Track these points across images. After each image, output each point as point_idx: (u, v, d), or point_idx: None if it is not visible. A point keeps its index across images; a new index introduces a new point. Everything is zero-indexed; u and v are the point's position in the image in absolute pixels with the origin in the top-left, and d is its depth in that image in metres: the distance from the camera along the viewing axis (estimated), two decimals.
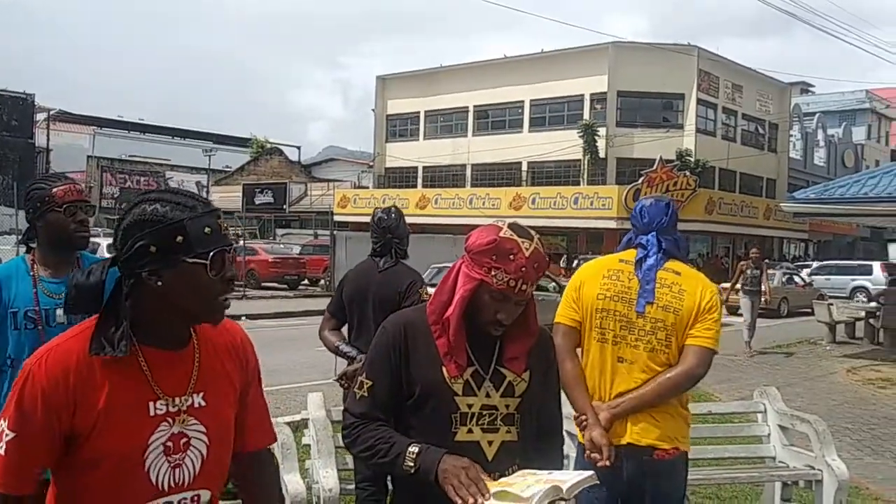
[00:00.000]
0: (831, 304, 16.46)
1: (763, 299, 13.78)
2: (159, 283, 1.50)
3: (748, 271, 13.65)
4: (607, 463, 2.65)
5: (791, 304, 21.93)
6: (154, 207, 1.51)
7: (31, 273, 2.70)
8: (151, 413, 1.51)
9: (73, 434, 1.47)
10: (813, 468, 4.79)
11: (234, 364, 1.69)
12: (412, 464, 1.89)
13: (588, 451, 2.72)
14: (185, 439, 1.55)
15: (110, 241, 3.06)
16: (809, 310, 18.11)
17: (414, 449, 1.91)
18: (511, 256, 1.90)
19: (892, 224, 17.65)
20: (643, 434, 2.79)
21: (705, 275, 3.06)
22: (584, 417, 2.78)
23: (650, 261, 2.91)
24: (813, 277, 26.25)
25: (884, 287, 25.85)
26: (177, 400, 1.55)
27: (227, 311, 1.65)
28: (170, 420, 1.53)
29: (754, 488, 5.52)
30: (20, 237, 2.86)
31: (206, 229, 1.51)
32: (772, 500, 5.24)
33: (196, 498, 1.58)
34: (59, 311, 2.66)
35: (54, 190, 2.71)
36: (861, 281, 27.46)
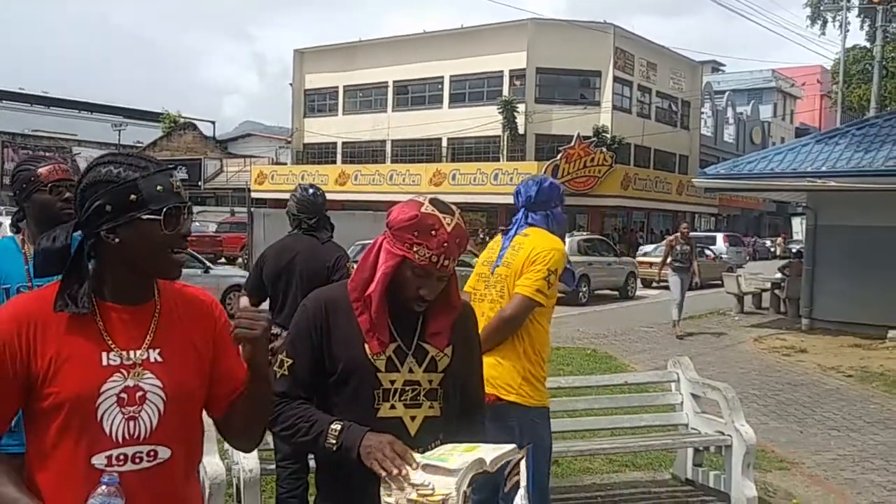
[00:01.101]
0: (739, 276, 17.11)
1: (694, 281, 13.13)
2: (117, 241, 1.59)
3: (677, 247, 13.04)
4: None
5: (702, 277, 22.64)
6: (108, 169, 1.60)
7: (23, 251, 2.77)
8: (104, 363, 1.58)
9: (30, 381, 1.55)
10: (723, 434, 4.99)
11: (200, 330, 1.73)
12: (334, 441, 1.88)
13: None
14: (140, 392, 1.60)
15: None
16: (719, 282, 18.79)
17: (336, 426, 1.89)
18: (433, 232, 1.89)
19: (796, 199, 18.39)
20: None
21: (622, 249, 3.23)
22: None
23: (512, 231, 3.33)
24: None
25: (726, 256, 27.52)
26: (131, 353, 1.61)
27: None
28: (123, 372, 1.59)
29: (668, 454, 5.72)
30: (11, 218, 2.97)
31: (159, 187, 1.60)
32: (684, 465, 5.45)
33: (153, 453, 1.61)
34: None
35: (39, 170, 2.77)
36: (707, 251, 28.54)
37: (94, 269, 1.62)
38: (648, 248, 25.14)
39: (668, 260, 13.22)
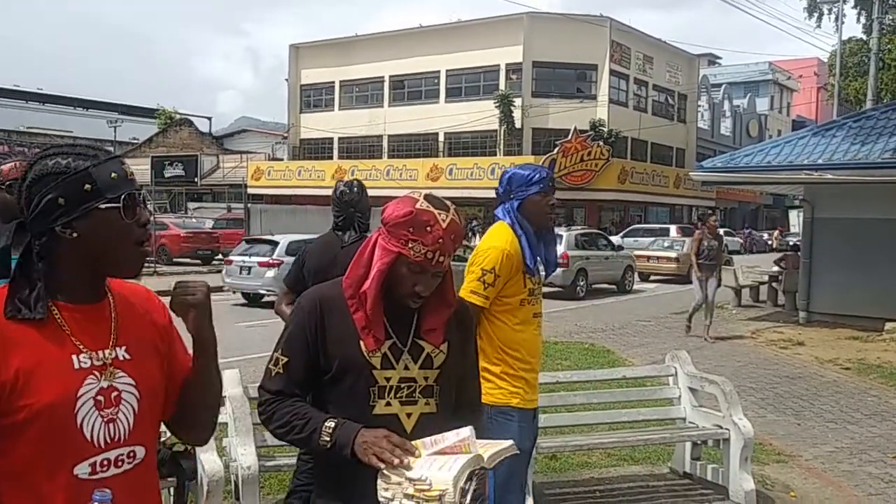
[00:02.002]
0: (737, 269, 17.11)
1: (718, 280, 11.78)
2: (74, 235, 1.49)
3: (705, 242, 11.60)
4: None
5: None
6: (55, 161, 1.49)
7: None
8: (76, 366, 1.49)
9: None
10: (721, 427, 4.99)
11: (153, 324, 1.67)
12: (328, 438, 1.87)
13: None
14: (115, 393, 1.53)
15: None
16: None
17: (330, 424, 1.88)
18: (428, 228, 1.89)
19: (793, 191, 18.40)
20: None
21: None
22: None
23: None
24: (624, 240, 26.35)
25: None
26: (100, 353, 1.53)
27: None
28: (97, 374, 1.51)
29: (666, 448, 5.72)
30: None
31: (113, 175, 1.51)
32: (682, 458, 5.45)
33: (132, 454, 1.56)
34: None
35: (2, 167, 2.69)
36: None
37: (47, 270, 1.50)
38: (613, 239, 24.26)
39: (694, 257, 11.78)
